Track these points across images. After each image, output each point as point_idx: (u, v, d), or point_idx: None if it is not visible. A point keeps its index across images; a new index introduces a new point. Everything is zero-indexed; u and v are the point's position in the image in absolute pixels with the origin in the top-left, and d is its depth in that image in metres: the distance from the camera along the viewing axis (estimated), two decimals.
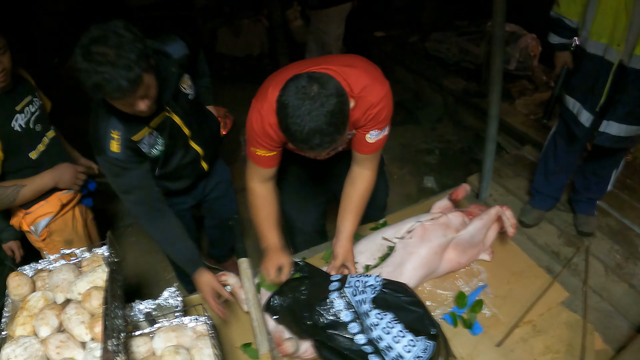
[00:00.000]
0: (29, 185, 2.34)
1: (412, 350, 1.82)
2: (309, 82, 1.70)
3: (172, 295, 2.07)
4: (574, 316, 2.28)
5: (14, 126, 2.28)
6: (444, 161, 4.89)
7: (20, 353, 1.72)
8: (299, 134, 1.70)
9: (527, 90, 4.98)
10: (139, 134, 2.10)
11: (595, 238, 3.13)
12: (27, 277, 2.05)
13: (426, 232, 2.35)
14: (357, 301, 1.94)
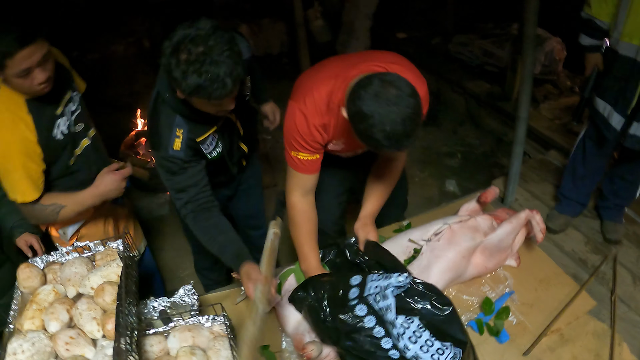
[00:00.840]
0: (69, 206, 2.23)
1: (440, 358, 1.75)
2: (383, 86, 1.64)
3: (188, 294, 2.00)
4: (602, 326, 2.22)
5: (56, 135, 2.19)
6: (466, 165, 4.84)
7: (27, 348, 1.65)
8: (387, 140, 1.65)
9: (552, 95, 4.92)
10: (204, 135, 2.08)
11: (622, 246, 3.07)
12: (38, 269, 1.99)
13: (454, 235, 2.27)
14: (380, 308, 1.86)
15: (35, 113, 2.08)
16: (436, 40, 6.43)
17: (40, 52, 1.89)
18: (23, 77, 1.91)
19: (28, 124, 2.06)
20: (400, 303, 1.88)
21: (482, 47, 5.47)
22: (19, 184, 2.07)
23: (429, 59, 6.09)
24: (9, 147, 2.01)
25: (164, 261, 4.00)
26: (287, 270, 2.26)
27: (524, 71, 2.66)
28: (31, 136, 2.07)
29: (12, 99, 2.04)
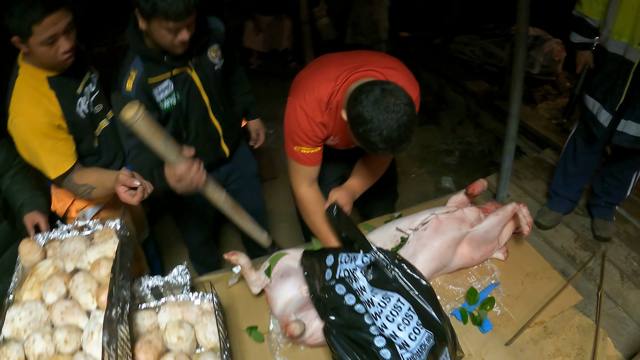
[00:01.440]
0: (98, 189, 2.27)
1: (417, 337, 1.80)
2: (383, 94, 1.75)
3: (181, 273, 2.06)
4: (587, 320, 2.24)
5: (79, 112, 2.25)
6: (463, 163, 4.87)
7: (24, 316, 1.73)
8: (382, 144, 1.78)
9: (550, 95, 4.97)
10: (157, 77, 2.16)
11: (612, 244, 3.09)
12: (39, 245, 2.06)
13: (441, 225, 2.32)
14: (356, 290, 1.90)
15: (57, 90, 2.14)
16: (438, 40, 6.48)
17: (65, 20, 1.96)
18: (49, 45, 1.97)
19: (51, 99, 2.12)
20: (380, 277, 1.95)
21: (483, 47, 5.51)
22: (49, 159, 2.12)
23: (431, 58, 6.13)
24: (34, 119, 2.06)
25: (163, 248, 4.07)
26: (276, 254, 2.31)
27: (516, 68, 2.70)
28: (55, 110, 2.12)
29: (34, 76, 2.11)
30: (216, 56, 2.37)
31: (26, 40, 1.95)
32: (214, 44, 2.36)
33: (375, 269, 1.97)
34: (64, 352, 1.65)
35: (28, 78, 2.10)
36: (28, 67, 2.11)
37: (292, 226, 4.08)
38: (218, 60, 2.39)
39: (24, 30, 1.90)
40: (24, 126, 2.06)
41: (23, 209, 2.40)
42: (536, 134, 4.41)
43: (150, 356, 1.71)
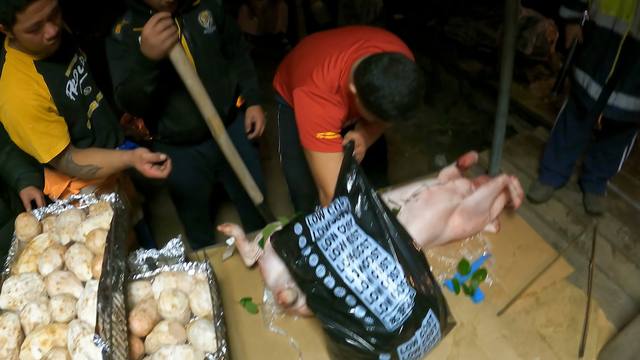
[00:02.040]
0: (105, 169, 2.31)
1: (397, 295, 1.82)
2: (391, 62, 1.81)
3: (176, 246, 2.08)
4: (579, 292, 2.26)
5: (69, 95, 2.25)
6: (457, 142, 4.90)
7: (21, 287, 1.76)
8: (394, 111, 1.83)
9: (543, 75, 4.99)
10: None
11: (604, 219, 3.11)
12: (35, 219, 2.09)
13: (432, 196, 2.33)
14: (332, 251, 1.86)
15: (45, 74, 2.13)
16: (432, 22, 6.48)
17: (50, 6, 1.93)
18: (34, 32, 1.94)
19: (40, 83, 2.11)
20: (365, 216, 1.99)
21: (477, 28, 5.51)
22: (42, 142, 2.12)
23: (425, 40, 6.14)
24: (24, 103, 2.05)
25: (159, 229, 4.11)
26: (269, 225, 2.32)
27: (506, 45, 2.71)
28: (45, 93, 2.12)
29: (21, 60, 2.10)
30: (206, 21, 2.43)
31: (11, 28, 1.93)
32: (205, 9, 2.43)
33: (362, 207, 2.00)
34: (60, 320, 1.68)
35: (15, 63, 2.09)
36: (15, 52, 2.10)
37: (286, 205, 4.09)
38: (208, 26, 2.45)
39: (8, 17, 1.88)
40: (14, 111, 2.05)
41: (19, 183, 2.42)
42: (528, 112, 4.44)
43: (144, 324, 1.74)
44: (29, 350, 1.60)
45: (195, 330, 1.73)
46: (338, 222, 1.89)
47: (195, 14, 2.40)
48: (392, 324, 1.78)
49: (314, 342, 2.05)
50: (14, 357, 1.62)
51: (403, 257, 1.91)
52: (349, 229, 1.89)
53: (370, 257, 1.84)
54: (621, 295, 2.55)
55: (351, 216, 1.93)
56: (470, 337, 2.06)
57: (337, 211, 1.91)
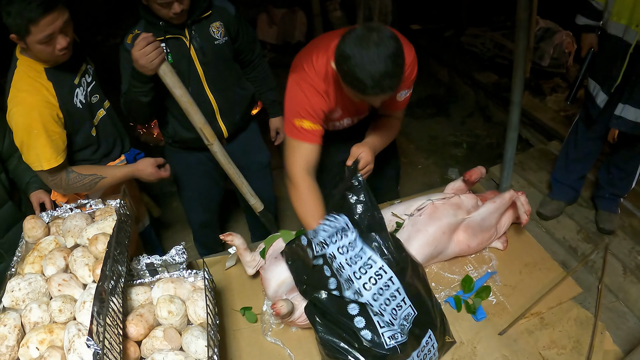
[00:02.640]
0: (108, 179, 2.39)
1: (397, 313, 1.83)
2: (367, 31, 1.75)
3: (179, 253, 2.10)
4: (585, 313, 2.22)
5: (76, 103, 2.31)
6: (471, 155, 4.87)
7: (24, 287, 1.81)
8: (369, 80, 1.75)
9: (560, 88, 4.92)
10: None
11: (616, 237, 3.06)
12: (42, 221, 2.15)
13: (436, 211, 2.33)
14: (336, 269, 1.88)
15: (54, 81, 2.20)
16: (449, 33, 6.47)
17: (62, 18, 2.02)
18: (46, 44, 2.03)
19: (49, 90, 2.18)
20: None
21: (494, 39, 5.48)
22: (45, 150, 2.17)
23: (442, 50, 6.13)
24: (32, 109, 2.11)
25: (168, 234, 4.15)
26: (271, 236, 2.33)
27: (517, 55, 2.69)
28: (53, 100, 2.18)
29: (32, 68, 2.17)
30: (217, 32, 2.49)
31: (24, 39, 2.01)
32: (217, 20, 2.49)
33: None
34: (58, 321, 1.72)
35: (26, 70, 2.16)
36: (26, 60, 2.17)
37: (287, 217, 4.12)
38: (220, 36, 2.50)
39: (22, 29, 1.96)
40: (22, 115, 2.11)
41: (29, 187, 2.50)
42: (544, 125, 4.39)
43: (140, 328, 1.76)
44: (27, 348, 1.64)
45: (189, 338, 1.74)
46: (339, 242, 1.87)
47: (206, 24, 2.46)
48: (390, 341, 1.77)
49: (311, 354, 2.05)
50: (13, 354, 1.66)
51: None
52: (353, 249, 1.88)
53: (374, 278, 1.84)
54: (630, 318, 2.49)
55: (356, 234, 1.91)
56: (470, 357, 2.03)
57: (332, 228, 1.90)
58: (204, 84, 2.55)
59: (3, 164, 2.48)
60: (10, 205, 2.47)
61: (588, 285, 2.49)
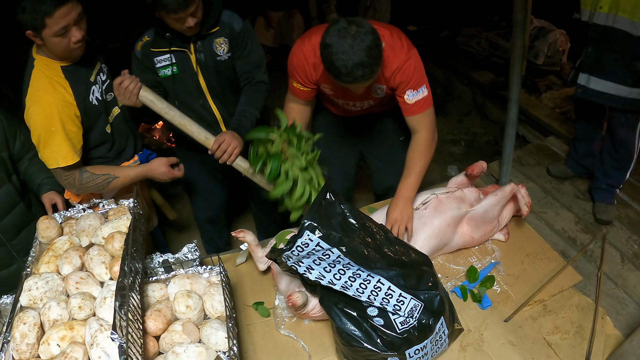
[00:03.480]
0: (121, 178, 2.43)
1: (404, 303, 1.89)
2: (347, 24, 1.93)
3: (191, 251, 2.14)
4: (586, 299, 2.27)
5: (92, 100, 2.37)
6: (469, 152, 4.91)
7: (41, 285, 1.83)
8: (343, 68, 1.94)
9: (555, 85, 4.99)
10: (158, 48, 2.44)
11: (613, 227, 3.12)
12: (56, 221, 2.18)
13: (441, 204, 2.38)
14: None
15: (71, 79, 2.26)
16: (445, 33, 6.52)
17: (75, 11, 2.08)
18: (61, 36, 2.09)
19: (66, 88, 2.24)
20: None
21: (489, 39, 5.53)
22: (61, 147, 2.22)
23: (438, 51, 6.17)
24: (51, 108, 2.17)
25: (174, 235, 4.19)
26: (282, 232, 2.38)
27: (514, 54, 2.77)
28: (70, 99, 2.24)
29: (49, 66, 2.22)
30: (220, 48, 2.52)
31: (40, 33, 2.06)
32: (221, 36, 2.51)
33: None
34: (78, 317, 1.74)
35: (43, 69, 2.21)
36: (43, 59, 2.23)
37: None
38: (222, 52, 2.54)
39: (37, 23, 2.02)
40: (40, 113, 2.16)
41: (41, 188, 2.52)
42: (540, 122, 4.46)
43: (159, 323, 1.79)
44: (48, 345, 1.66)
45: (208, 330, 1.78)
46: (322, 262, 1.95)
47: (211, 40, 2.50)
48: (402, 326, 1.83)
49: (324, 345, 2.10)
50: (33, 352, 1.68)
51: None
52: (340, 264, 1.97)
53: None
54: (629, 304, 2.56)
55: (339, 253, 2.01)
56: (477, 343, 2.08)
57: (307, 248, 2.01)
58: (207, 96, 2.63)
59: (14, 166, 2.52)
60: (21, 207, 2.50)
61: (588, 273, 2.56)
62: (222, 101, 2.67)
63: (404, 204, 2.33)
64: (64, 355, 1.58)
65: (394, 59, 2.19)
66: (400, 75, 2.21)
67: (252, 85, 2.68)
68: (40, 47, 2.21)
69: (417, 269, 2.02)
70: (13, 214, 2.48)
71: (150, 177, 2.51)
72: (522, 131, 4.68)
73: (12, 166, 2.49)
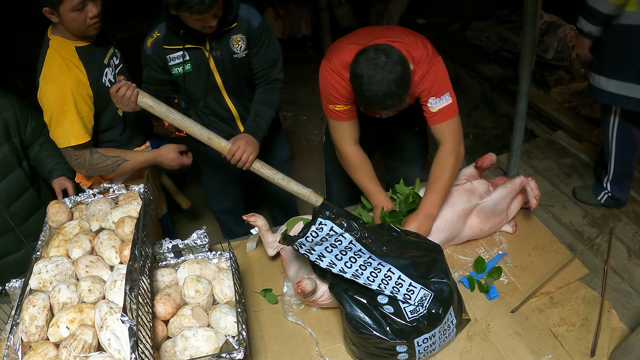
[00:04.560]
0: (131, 162, 2.46)
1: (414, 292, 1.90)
2: (376, 53, 1.96)
3: (200, 237, 2.16)
4: (592, 293, 2.28)
5: (105, 82, 2.39)
6: (477, 145, 4.91)
7: (51, 269, 1.84)
8: (374, 98, 1.99)
9: (564, 80, 4.97)
10: (171, 46, 2.38)
11: (620, 222, 3.11)
12: (66, 206, 2.19)
13: (451, 197, 2.39)
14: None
15: (85, 59, 2.29)
16: (454, 27, 6.51)
17: None
18: (78, 11, 2.12)
19: (80, 68, 2.26)
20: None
21: (498, 33, 5.51)
22: (73, 126, 2.25)
23: (447, 44, 6.15)
24: (64, 86, 2.19)
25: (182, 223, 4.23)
26: (293, 218, 2.40)
27: (524, 47, 2.75)
28: (83, 79, 2.27)
29: (64, 46, 2.25)
30: (237, 45, 2.45)
31: (57, 9, 2.09)
32: (239, 32, 2.43)
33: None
34: (88, 300, 1.75)
35: (58, 48, 2.24)
36: (57, 39, 2.25)
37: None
38: (239, 50, 2.46)
39: None
40: (53, 92, 2.18)
41: (52, 174, 2.54)
42: (548, 116, 4.44)
43: (168, 307, 1.81)
44: (57, 327, 1.67)
45: (217, 315, 1.80)
46: (334, 250, 1.96)
47: (227, 37, 2.42)
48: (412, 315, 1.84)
49: (331, 333, 2.11)
50: (42, 334, 1.69)
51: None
52: (351, 251, 1.98)
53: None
54: (635, 298, 2.54)
55: (351, 238, 2.03)
56: (484, 333, 2.09)
57: (321, 233, 2.02)
58: (223, 92, 2.58)
59: (25, 152, 2.54)
60: (31, 193, 2.53)
61: (594, 267, 2.54)
62: (238, 97, 2.63)
63: (425, 219, 2.29)
64: (74, 337, 1.59)
65: (418, 70, 2.19)
66: (424, 82, 2.21)
67: (267, 83, 2.64)
68: (56, 27, 2.24)
69: (428, 256, 2.02)
70: (23, 199, 2.50)
71: (160, 162, 2.52)
72: (530, 125, 4.67)
73: (22, 152, 2.51)
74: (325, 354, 2.04)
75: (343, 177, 2.95)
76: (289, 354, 2.05)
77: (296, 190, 2.46)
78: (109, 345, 1.59)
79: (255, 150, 2.38)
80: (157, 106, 2.22)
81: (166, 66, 2.43)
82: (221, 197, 3.23)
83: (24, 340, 1.68)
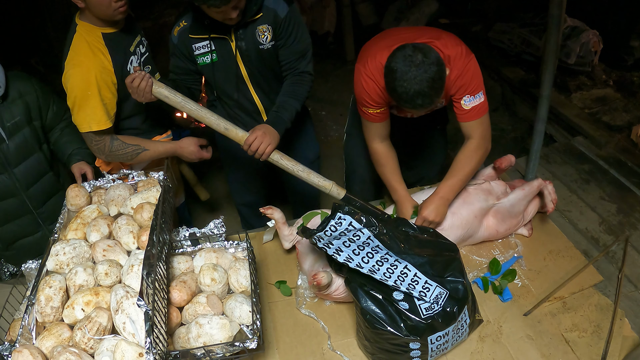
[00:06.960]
0: (150, 151, 2.48)
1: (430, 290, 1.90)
2: (414, 51, 1.95)
3: (218, 226, 2.18)
4: (606, 300, 2.27)
5: (130, 69, 2.40)
6: (496, 148, 4.83)
7: (69, 251, 1.86)
8: (404, 95, 1.98)
9: (585, 86, 4.93)
10: (197, 35, 2.38)
11: (636, 230, 3.09)
12: (85, 190, 2.22)
13: (469, 196, 2.39)
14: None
15: (110, 46, 2.31)
16: (477, 28, 6.47)
17: None
18: None
19: (105, 55, 2.28)
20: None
21: (521, 35, 5.47)
22: (95, 112, 2.27)
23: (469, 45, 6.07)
24: (89, 72, 2.22)
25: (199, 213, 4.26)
26: (310, 212, 2.41)
27: (548, 50, 2.75)
28: (108, 65, 2.29)
29: (90, 32, 2.27)
30: (263, 36, 2.42)
31: None
32: (265, 23, 2.39)
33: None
34: (104, 284, 1.78)
35: (85, 34, 2.26)
36: (84, 24, 2.27)
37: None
38: (265, 41, 2.43)
39: None
40: (78, 76, 2.21)
41: (72, 158, 2.57)
42: (568, 122, 4.40)
43: (184, 294, 1.83)
44: (73, 309, 1.70)
45: (232, 303, 1.81)
46: (352, 245, 1.96)
47: (253, 27, 2.38)
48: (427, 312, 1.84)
49: (344, 327, 2.12)
50: (57, 315, 1.72)
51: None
52: (369, 246, 1.99)
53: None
54: None
55: (369, 234, 2.03)
56: (496, 335, 2.09)
57: (340, 227, 2.02)
58: (249, 84, 2.55)
59: (45, 136, 2.57)
60: (50, 176, 2.56)
61: (608, 274, 2.53)
62: (265, 90, 2.61)
63: (441, 203, 2.30)
64: (89, 320, 1.61)
65: (454, 68, 2.18)
66: (460, 80, 2.21)
67: (295, 75, 2.58)
68: (84, 13, 2.25)
69: (444, 255, 2.03)
70: (42, 182, 2.54)
71: (179, 154, 2.54)
72: (549, 130, 4.63)
73: (43, 135, 2.54)
74: (337, 348, 2.04)
75: (363, 177, 2.96)
76: (301, 346, 2.06)
77: (317, 183, 2.41)
78: (123, 329, 1.61)
79: (274, 141, 2.34)
80: (173, 96, 2.21)
81: (191, 55, 2.43)
82: (243, 190, 3.24)
83: (38, 321, 1.71)
